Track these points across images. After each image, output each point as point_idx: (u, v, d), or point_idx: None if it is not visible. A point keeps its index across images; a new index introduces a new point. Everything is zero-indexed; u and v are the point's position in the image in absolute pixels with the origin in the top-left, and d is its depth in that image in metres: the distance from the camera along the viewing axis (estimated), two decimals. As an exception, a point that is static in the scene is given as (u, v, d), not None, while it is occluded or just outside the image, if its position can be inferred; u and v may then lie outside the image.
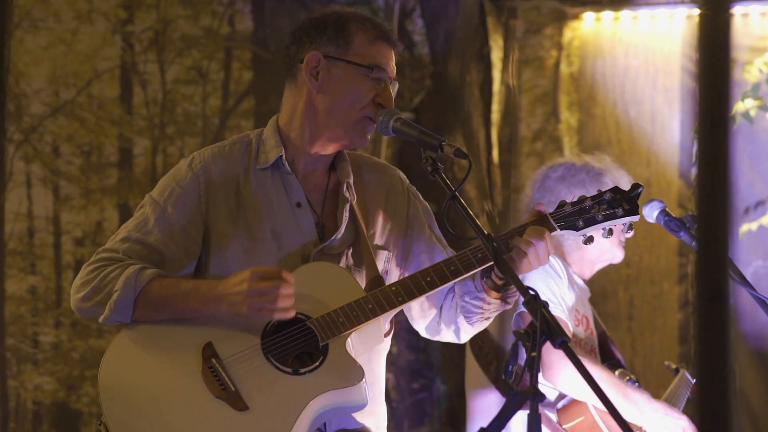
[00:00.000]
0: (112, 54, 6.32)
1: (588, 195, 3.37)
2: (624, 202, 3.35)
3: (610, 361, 4.74)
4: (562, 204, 3.35)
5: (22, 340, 6.06)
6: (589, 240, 3.34)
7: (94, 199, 6.22)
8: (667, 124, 6.55)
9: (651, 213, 4.06)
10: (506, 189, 6.68)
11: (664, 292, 6.51)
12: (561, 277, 4.51)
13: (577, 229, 3.32)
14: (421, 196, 3.59)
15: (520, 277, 3.08)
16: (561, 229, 3.31)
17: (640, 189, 3.38)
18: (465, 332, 3.46)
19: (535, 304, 2.86)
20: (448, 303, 3.45)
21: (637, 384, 4.61)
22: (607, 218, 3.34)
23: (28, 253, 6.10)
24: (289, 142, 3.38)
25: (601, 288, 6.34)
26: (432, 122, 6.64)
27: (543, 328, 2.78)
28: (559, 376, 4.30)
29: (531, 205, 4.62)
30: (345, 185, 3.40)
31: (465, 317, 3.39)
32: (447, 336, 3.51)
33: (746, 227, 6.21)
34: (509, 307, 3.37)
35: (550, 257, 3.35)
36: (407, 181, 3.58)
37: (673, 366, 4.97)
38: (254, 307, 3.11)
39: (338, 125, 3.33)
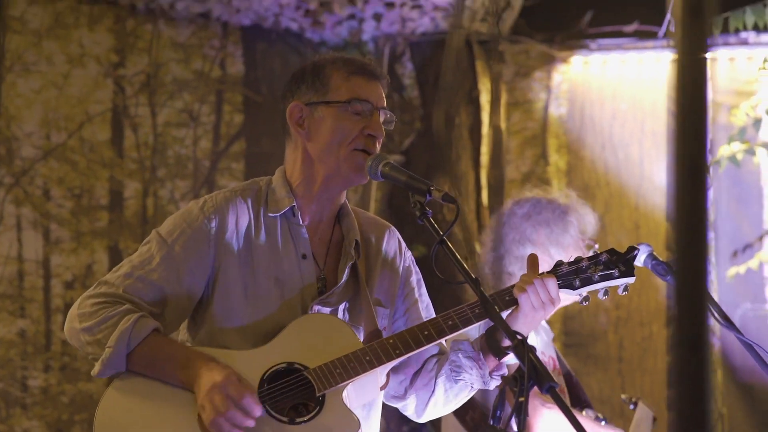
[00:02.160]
0: (104, 97, 6.35)
1: (554, 231, 3.37)
2: (620, 264, 3.40)
3: (578, 401, 4.73)
4: (559, 263, 3.39)
5: (11, 383, 6.04)
6: (586, 299, 3.38)
7: (84, 242, 6.23)
8: (655, 168, 6.58)
9: (639, 256, 4.07)
10: (483, 230, 6.69)
11: (654, 334, 6.52)
12: None
13: (573, 288, 3.36)
14: (415, 262, 3.61)
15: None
16: (559, 288, 3.33)
17: (635, 252, 3.43)
18: (436, 400, 3.46)
19: (523, 348, 2.87)
20: (429, 366, 3.46)
21: (604, 422, 4.60)
22: (603, 279, 3.38)
23: (17, 297, 6.10)
24: (295, 193, 3.39)
25: (590, 330, 6.35)
26: (422, 164, 6.67)
27: (531, 373, 2.79)
28: (538, 423, 4.30)
29: (496, 243, 4.62)
30: (353, 243, 3.41)
31: (452, 373, 3.38)
32: (410, 405, 3.50)
33: (734, 270, 6.22)
34: (490, 387, 3.37)
35: None
36: (404, 243, 3.60)
37: (633, 399, 4.95)
38: (214, 426, 3.11)
39: (332, 165, 3.33)
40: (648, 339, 6.53)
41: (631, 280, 3.42)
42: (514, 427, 2.78)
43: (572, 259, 3.41)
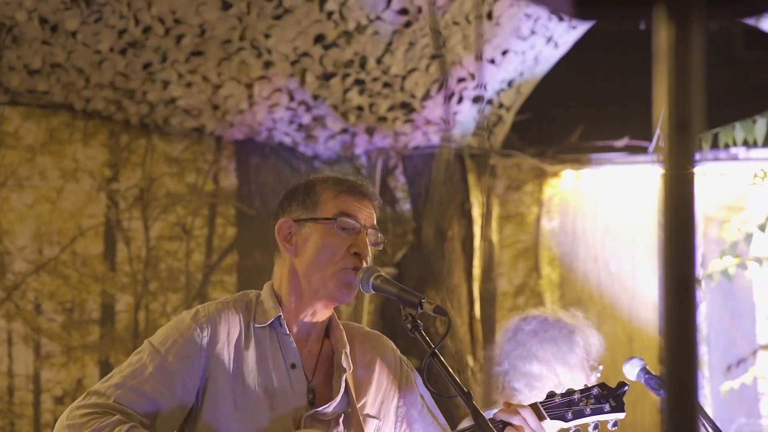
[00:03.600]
0: (97, 211, 6.37)
1: (561, 349, 3.37)
2: (611, 398, 3.44)
3: None
4: (552, 394, 3.41)
5: (0, 500, 5.97)
6: None
7: (74, 356, 6.20)
8: (647, 281, 6.59)
9: (632, 370, 4.06)
10: (488, 344, 6.67)
11: (649, 449, 6.46)
12: None
13: (565, 420, 3.39)
14: (413, 367, 3.59)
15: None
16: (551, 419, 3.35)
17: (625, 388, 3.47)
18: None
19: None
20: None
21: None
22: (594, 412, 3.42)
23: (7, 412, 6.04)
24: (282, 306, 3.39)
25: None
26: (415, 277, 6.67)
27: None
28: None
29: (502, 358, 4.62)
30: (343, 354, 3.39)
31: None
32: None
33: (728, 385, 6.19)
34: None
35: None
36: (398, 351, 3.58)
37: None
38: None
39: (318, 283, 3.33)
40: (643, 454, 6.47)
41: (621, 415, 3.45)
42: None
43: (564, 391, 3.43)
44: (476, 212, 6.86)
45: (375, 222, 3.41)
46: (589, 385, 3.46)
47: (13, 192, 6.19)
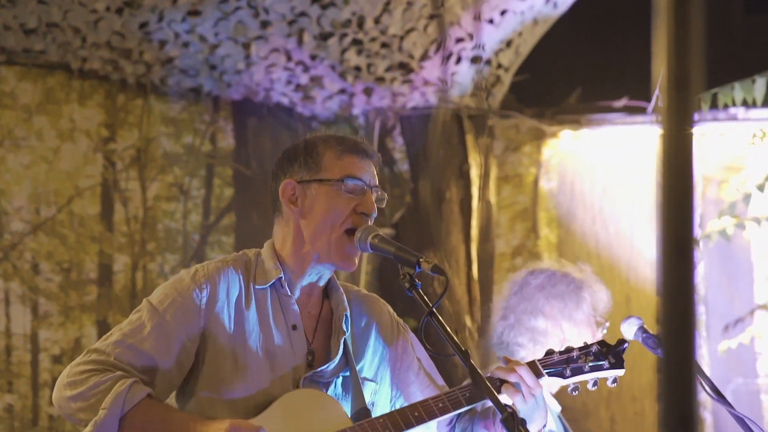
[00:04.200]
0: (94, 172, 6.36)
1: (568, 305, 3.37)
2: (610, 356, 3.45)
3: None
4: (550, 352, 3.42)
5: (-2, 459, 5.99)
6: (575, 389, 3.39)
7: (72, 316, 6.20)
8: (645, 242, 6.59)
9: (629, 329, 4.05)
10: (486, 305, 6.68)
11: (645, 410, 6.48)
12: None
13: (564, 377, 3.40)
14: (409, 329, 3.59)
15: None
16: (549, 376, 3.36)
17: (625, 345, 3.48)
18: None
19: (513, 421, 2.86)
20: None
21: None
22: (593, 369, 3.43)
23: (5, 371, 6.05)
24: (284, 267, 3.39)
25: (582, 405, 6.31)
26: (412, 238, 6.67)
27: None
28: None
29: (507, 312, 4.60)
30: (343, 317, 3.40)
31: None
32: None
33: (726, 345, 6.21)
34: None
35: None
36: (395, 314, 3.58)
37: None
38: None
39: (322, 248, 3.33)
40: (640, 414, 6.49)
41: (620, 372, 3.46)
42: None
43: (563, 348, 3.43)
44: (474, 173, 6.85)
45: (377, 180, 3.41)
46: (590, 342, 3.46)
47: (10, 152, 6.18)
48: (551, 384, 3.43)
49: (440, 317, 3.12)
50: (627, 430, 6.49)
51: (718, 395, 3.72)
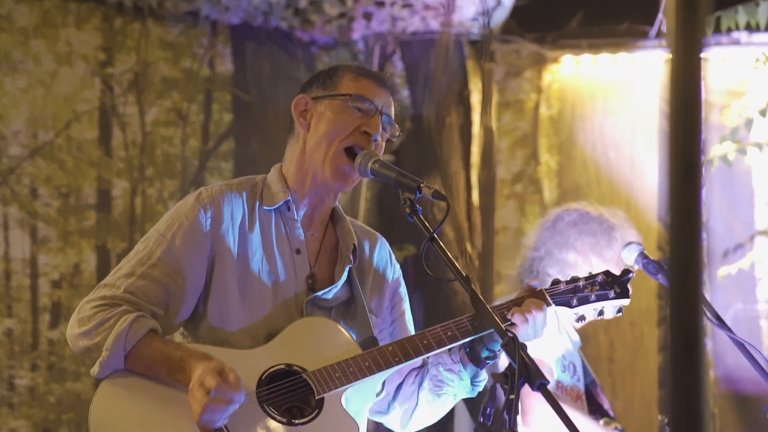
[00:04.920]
0: (92, 96, 6.32)
1: (600, 243, 3.38)
2: (615, 285, 3.47)
3: (595, 410, 4.73)
4: (557, 281, 3.43)
5: (-2, 383, 6.02)
6: (581, 319, 3.41)
7: (71, 241, 6.20)
8: (645, 167, 6.58)
9: (630, 255, 4.07)
10: (486, 231, 6.68)
11: (645, 335, 6.51)
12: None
13: (570, 306, 3.41)
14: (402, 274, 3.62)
15: None
16: (556, 305, 3.37)
17: (630, 274, 3.50)
18: (421, 412, 3.46)
19: (514, 346, 2.87)
20: (410, 379, 3.46)
21: None
22: (599, 299, 3.44)
23: (4, 296, 6.06)
24: (289, 189, 3.39)
25: (581, 331, 6.32)
26: (412, 164, 6.65)
27: (521, 370, 2.78)
28: (535, 419, 4.30)
29: (538, 244, 4.67)
30: (351, 247, 3.40)
31: (434, 387, 3.39)
32: (394, 418, 3.50)
33: (725, 270, 6.22)
34: (474, 394, 3.39)
35: None
36: (395, 256, 3.61)
37: (666, 420, 4.94)
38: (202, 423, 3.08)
39: (319, 162, 3.33)
40: (639, 340, 6.52)
41: (626, 301, 3.48)
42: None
43: (569, 278, 3.46)
44: (475, 99, 6.81)
45: (392, 114, 3.40)
46: (593, 273, 3.47)
47: (7, 76, 6.14)
48: (571, 317, 3.45)
49: (441, 243, 3.12)
50: (626, 354, 6.52)
51: (719, 320, 3.74)
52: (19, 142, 6.15)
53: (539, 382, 2.76)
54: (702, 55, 1.34)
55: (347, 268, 3.38)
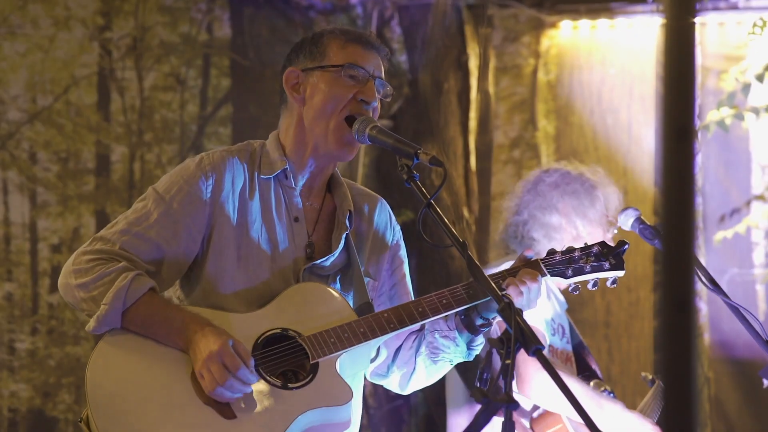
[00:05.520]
0: (90, 61, 6.32)
1: (582, 203, 3.39)
2: (611, 257, 3.48)
3: (585, 372, 4.75)
4: (552, 252, 3.45)
5: (-2, 346, 6.05)
6: (576, 289, 3.43)
7: (71, 206, 6.21)
8: (643, 133, 6.58)
9: (626, 221, 4.09)
10: (483, 196, 6.69)
11: (641, 300, 6.53)
12: None
13: (566, 277, 3.43)
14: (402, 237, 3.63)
15: None
16: (551, 276, 3.39)
17: (625, 246, 3.51)
18: (419, 376, 3.50)
19: (510, 311, 2.88)
20: (408, 344, 3.48)
21: (612, 395, 4.62)
22: (594, 270, 3.47)
23: (4, 260, 6.08)
24: (287, 158, 3.40)
25: (578, 295, 6.36)
26: (410, 129, 6.65)
27: (517, 335, 2.80)
28: (532, 388, 4.32)
29: (521, 207, 4.67)
30: (347, 213, 3.41)
31: (431, 354, 3.42)
32: (393, 380, 3.54)
33: (721, 235, 6.23)
34: (471, 358, 3.42)
35: None
36: (395, 218, 3.61)
37: (650, 377, 4.98)
38: (216, 395, 3.10)
39: (321, 134, 3.33)
40: (635, 304, 6.55)
41: (620, 273, 3.51)
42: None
43: (565, 249, 3.47)
44: (473, 64, 6.81)
45: (383, 74, 3.41)
46: (589, 244, 3.49)
47: (5, 40, 6.13)
48: (559, 283, 3.48)
49: (438, 209, 3.13)
50: (622, 319, 6.55)
51: (714, 285, 3.76)
52: (18, 107, 6.16)
53: (534, 347, 2.79)
54: (695, 19, 1.35)
55: (344, 236, 3.39)
